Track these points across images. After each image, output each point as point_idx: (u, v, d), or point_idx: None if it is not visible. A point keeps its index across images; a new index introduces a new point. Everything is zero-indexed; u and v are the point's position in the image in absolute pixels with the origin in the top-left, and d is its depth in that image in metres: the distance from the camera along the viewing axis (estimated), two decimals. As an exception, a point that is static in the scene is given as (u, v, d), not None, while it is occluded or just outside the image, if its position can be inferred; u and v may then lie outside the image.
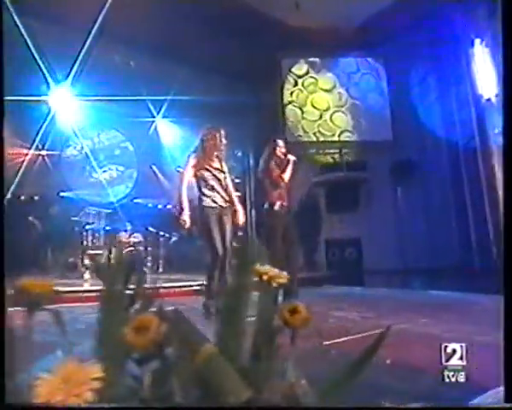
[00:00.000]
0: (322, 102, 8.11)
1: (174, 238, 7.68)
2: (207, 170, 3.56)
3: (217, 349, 0.70)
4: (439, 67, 7.30)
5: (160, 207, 9.16)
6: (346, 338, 2.11)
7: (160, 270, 7.24)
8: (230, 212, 3.60)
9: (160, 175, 9.21)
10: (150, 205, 8.99)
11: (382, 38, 7.47)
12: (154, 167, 9.23)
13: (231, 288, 0.73)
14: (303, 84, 8.08)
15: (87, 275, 6.41)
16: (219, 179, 3.57)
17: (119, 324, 0.63)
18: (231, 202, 3.63)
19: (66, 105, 7.45)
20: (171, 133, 9.06)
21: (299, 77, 8.09)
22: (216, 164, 3.61)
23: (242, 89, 8.52)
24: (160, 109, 8.72)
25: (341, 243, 7.89)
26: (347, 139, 7.94)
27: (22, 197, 6.41)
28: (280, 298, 3.20)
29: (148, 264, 7.12)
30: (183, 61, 8.30)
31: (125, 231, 7.06)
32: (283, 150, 4.06)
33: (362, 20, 7.23)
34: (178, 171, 9.64)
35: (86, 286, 5.75)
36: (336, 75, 8.02)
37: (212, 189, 3.54)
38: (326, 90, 8.02)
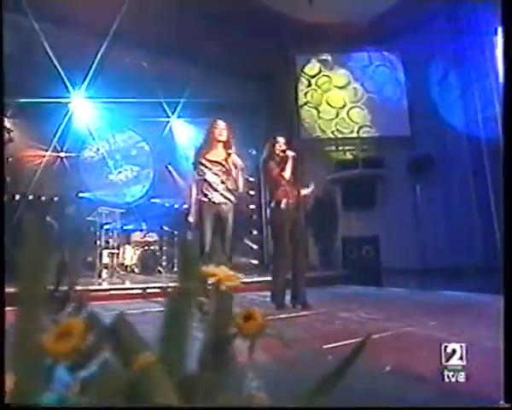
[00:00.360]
0: (338, 100, 7.95)
1: (189, 238, 7.68)
2: (205, 164, 3.49)
3: (156, 359, 0.64)
4: (461, 60, 7.02)
5: (176, 206, 9.22)
6: (346, 341, 2.01)
7: (175, 269, 7.25)
8: (231, 209, 3.51)
9: (175, 175, 9.26)
10: (167, 204, 9.04)
11: (399, 31, 7.26)
12: (169, 167, 9.29)
13: (174, 291, 0.67)
14: (317, 84, 7.94)
15: (105, 274, 6.51)
16: (218, 174, 3.49)
17: (40, 330, 0.58)
18: (233, 198, 3.54)
19: (83, 107, 7.59)
20: (186, 133, 9.09)
21: (312, 77, 7.95)
22: (215, 158, 3.53)
23: (256, 88, 8.49)
24: (175, 110, 8.78)
25: (358, 241, 7.73)
26: (366, 135, 7.75)
27: (43, 198, 6.55)
28: (287, 298, 3.15)
29: (163, 263, 7.17)
30: (197, 62, 8.30)
31: (141, 230, 7.13)
32: (283, 147, 3.94)
33: (377, 14, 7.05)
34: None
35: (105, 285, 5.85)
36: (350, 70, 7.84)
37: (210, 184, 3.47)
38: (341, 87, 7.86)
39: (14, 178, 6.14)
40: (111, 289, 5.46)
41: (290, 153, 3.89)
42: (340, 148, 7.79)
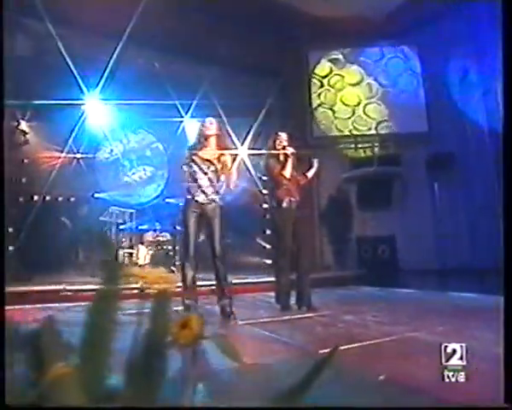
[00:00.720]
0: (353, 98, 7.78)
1: (203, 237, 7.67)
2: (195, 161, 3.40)
3: (71, 370, 0.58)
4: (481, 53, 6.74)
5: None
6: (344, 346, 1.91)
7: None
8: (216, 210, 3.37)
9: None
10: (181, 204, 9.05)
11: (416, 24, 7.05)
12: (184, 167, 9.29)
13: (96, 296, 0.60)
14: (329, 84, 7.79)
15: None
16: (206, 173, 3.41)
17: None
18: (218, 199, 3.40)
19: (98, 109, 7.67)
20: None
21: (324, 77, 7.82)
22: (206, 155, 3.42)
23: (269, 86, 8.37)
24: (189, 109, 8.77)
25: (374, 241, 7.54)
26: (383, 132, 7.55)
27: (60, 198, 6.66)
28: (293, 299, 3.05)
29: (177, 263, 7.16)
30: (210, 61, 8.29)
31: (155, 230, 7.13)
32: (284, 144, 3.80)
33: (392, 8, 6.86)
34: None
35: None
36: (362, 66, 7.67)
37: (196, 182, 3.37)
38: (354, 84, 7.70)
39: (30, 179, 6.26)
40: (126, 289, 5.48)
41: (290, 150, 3.76)
42: (355, 145, 7.61)
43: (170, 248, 6.88)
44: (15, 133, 6.33)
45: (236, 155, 3.66)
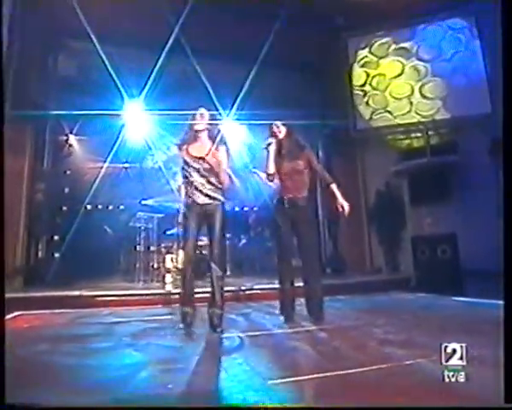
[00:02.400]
0: (402, 88, 7.06)
1: (243, 241, 7.50)
2: (187, 162, 3.16)
3: None
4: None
5: (236, 209, 9.14)
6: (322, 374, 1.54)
7: (228, 273, 7.10)
8: (218, 209, 3.13)
9: (234, 178, 9.16)
10: (228, 208, 8.94)
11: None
12: (228, 170, 9.21)
13: None
14: (371, 84, 7.20)
15: (169, 278, 6.60)
16: (200, 172, 3.13)
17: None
18: (220, 196, 3.17)
19: (141, 119, 7.85)
20: (241, 136, 8.94)
21: (368, 65, 7.24)
22: (198, 153, 3.16)
23: (308, 79, 7.98)
24: (229, 112, 8.67)
25: (432, 240, 6.73)
26: (438, 117, 6.75)
27: (99, 206, 6.91)
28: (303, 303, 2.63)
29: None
30: (247, 61, 8.11)
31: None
32: (280, 136, 3.47)
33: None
34: (255, 172, 9.59)
35: (168, 288, 5.91)
36: (410, 47, 6.93)
37: (192, 184, 3.13)
38: (400, 74, 7.01)
39: (73, 189, 6.57)
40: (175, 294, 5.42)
41: (271, 140, 3.42)
42: (405, 135, 6.90)
43: (207, 253, 6.78)
44: (63, 146, 6.70)
45: (228, 150, 3.36)
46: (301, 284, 3.32)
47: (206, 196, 3.12)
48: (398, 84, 7.09)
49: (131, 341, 2.77)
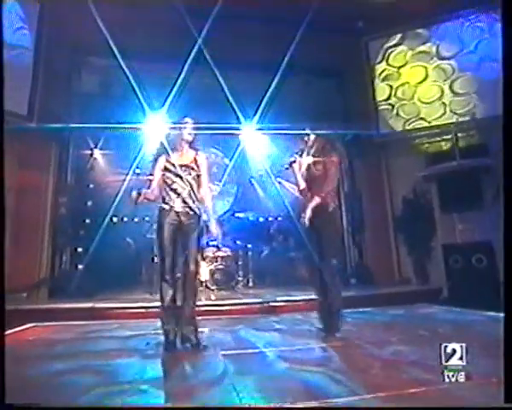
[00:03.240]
0: (430, 91, 6.76)
1: (265, 251, 7.35)
2: (169, 168, 3.09)
3: None
4: None
5: (261, 219, 9.03)
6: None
7: (251, 284, 6.96)
8: (195, 220, 3.04)
9: (258, 188, 9.08)
10: (251, 218, 8.88)
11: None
12: (252, 180, 9.17)
13: None
14: (396, 95, 6.97)
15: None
16: (184, 179, 3.04)
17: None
18: (198, 208, 3.07)
19: (165, 130, 7.92)
20: (265, 145, 8.86)
21: (391, 79, 7.00)
22: (182, 161, 3.12)
23: (330, 86, 7.82)
24: (253, 122, 8.62)
25: (465, 248, 6.32)
26: (466, 118, 6.39)
27: (125, 219, 7.00)
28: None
29: (240, 278, 6.94)
30: (269, 71, 8.05)
31: (217, 246, 7.02)
32: (309, 143, 3.48)
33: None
34: (280, 182, 9.46)
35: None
36: (430, 49, 6.64)
37: (173, 189, 3.05)
38: (424, 78, 6.71)
39: (96, 202, 6.68)
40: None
41: (293, 158, 3.46)
42: (432, 138, 6.57)
43: (229, 263, 6.69)
44: (86, 161, 6.86)
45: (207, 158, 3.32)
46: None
47: (187, 203, 3.04)
48: (425, 88, 6.80)
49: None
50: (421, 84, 6.82)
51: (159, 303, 3.02)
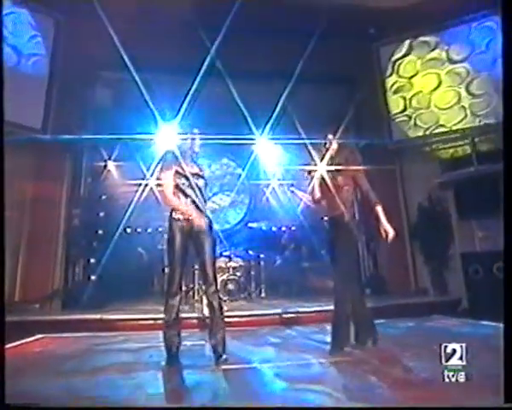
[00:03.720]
0: (446, 97, 6.61)
1: (278, 261, 7.25)
2: (183, 177, 3.07)
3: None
4: None
5: (274, 229, 8.95)
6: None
7: (263, 295, 6.86)
8: (208, 228, 3.03)
9: (270, 197, 9.02)
10: (264, 228, 8.81)
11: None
12: (265, 190, 9.12)
13: None
14: (411, 105, 6.85)
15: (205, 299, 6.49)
16: (193, 187, 3.04)
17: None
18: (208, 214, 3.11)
19: (177, 141, 7.96)
20: (278, 154, 8.81)
21: (403, 90, 6.90)
22: (192, 169, 3.13)
23: (342, 94, 7.72)
24: (265, 131, 8.59)
25: (485, 257, 6.09)
26: (486, 121, 6.21)
27: (138, 229, 7.03)
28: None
29: (252, 289, 6.85)
30: (281, 81, 8.03)
31: (229, 256, 6.96)
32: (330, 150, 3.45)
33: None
34: (292, 191, 9.39)
35: (206, 312, 5.82)
36: (439, 55, 6.50)
37: (185, 194, 3.04)
38: (438, 85, 6.57)
39: (108, 213, 6.72)
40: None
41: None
42: (448, 144, 6.40)
43: (239, 274, 6.62)
44: (99, 172, 6.94)
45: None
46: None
47: (199, 210, 3.02)
48: (440, 94, 6.65)
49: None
50: (435, 91, 6.68)
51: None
